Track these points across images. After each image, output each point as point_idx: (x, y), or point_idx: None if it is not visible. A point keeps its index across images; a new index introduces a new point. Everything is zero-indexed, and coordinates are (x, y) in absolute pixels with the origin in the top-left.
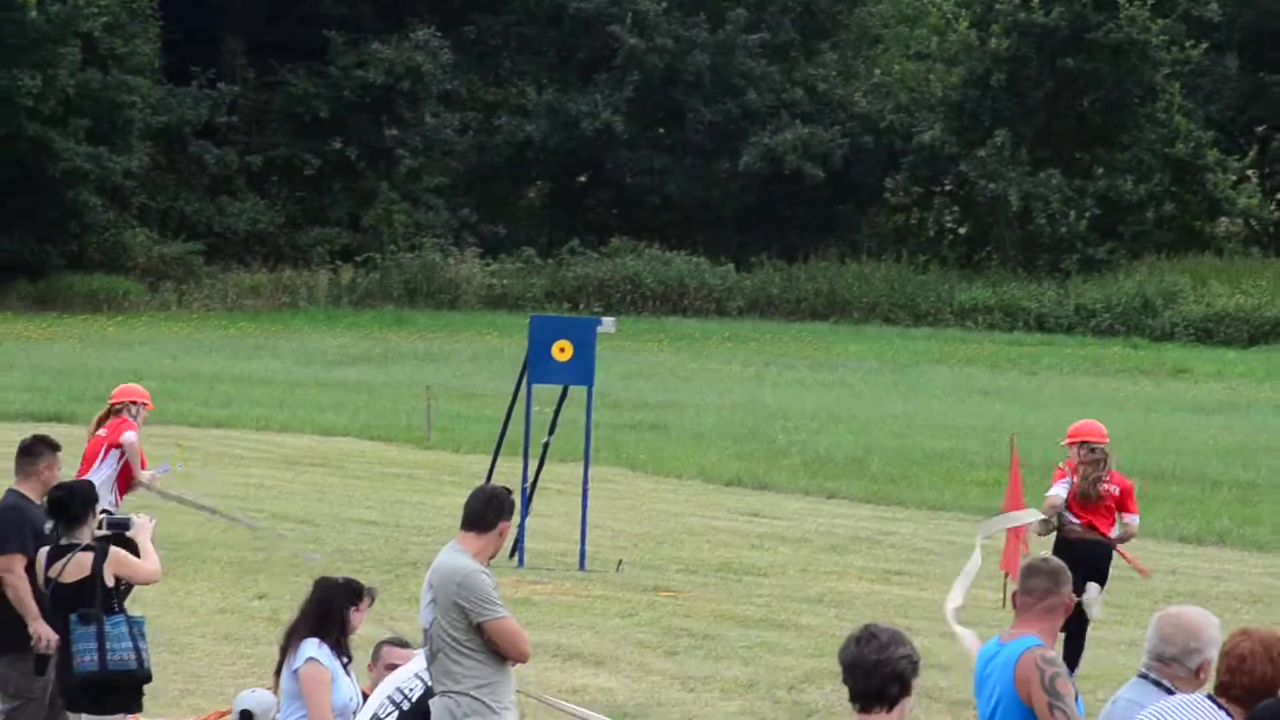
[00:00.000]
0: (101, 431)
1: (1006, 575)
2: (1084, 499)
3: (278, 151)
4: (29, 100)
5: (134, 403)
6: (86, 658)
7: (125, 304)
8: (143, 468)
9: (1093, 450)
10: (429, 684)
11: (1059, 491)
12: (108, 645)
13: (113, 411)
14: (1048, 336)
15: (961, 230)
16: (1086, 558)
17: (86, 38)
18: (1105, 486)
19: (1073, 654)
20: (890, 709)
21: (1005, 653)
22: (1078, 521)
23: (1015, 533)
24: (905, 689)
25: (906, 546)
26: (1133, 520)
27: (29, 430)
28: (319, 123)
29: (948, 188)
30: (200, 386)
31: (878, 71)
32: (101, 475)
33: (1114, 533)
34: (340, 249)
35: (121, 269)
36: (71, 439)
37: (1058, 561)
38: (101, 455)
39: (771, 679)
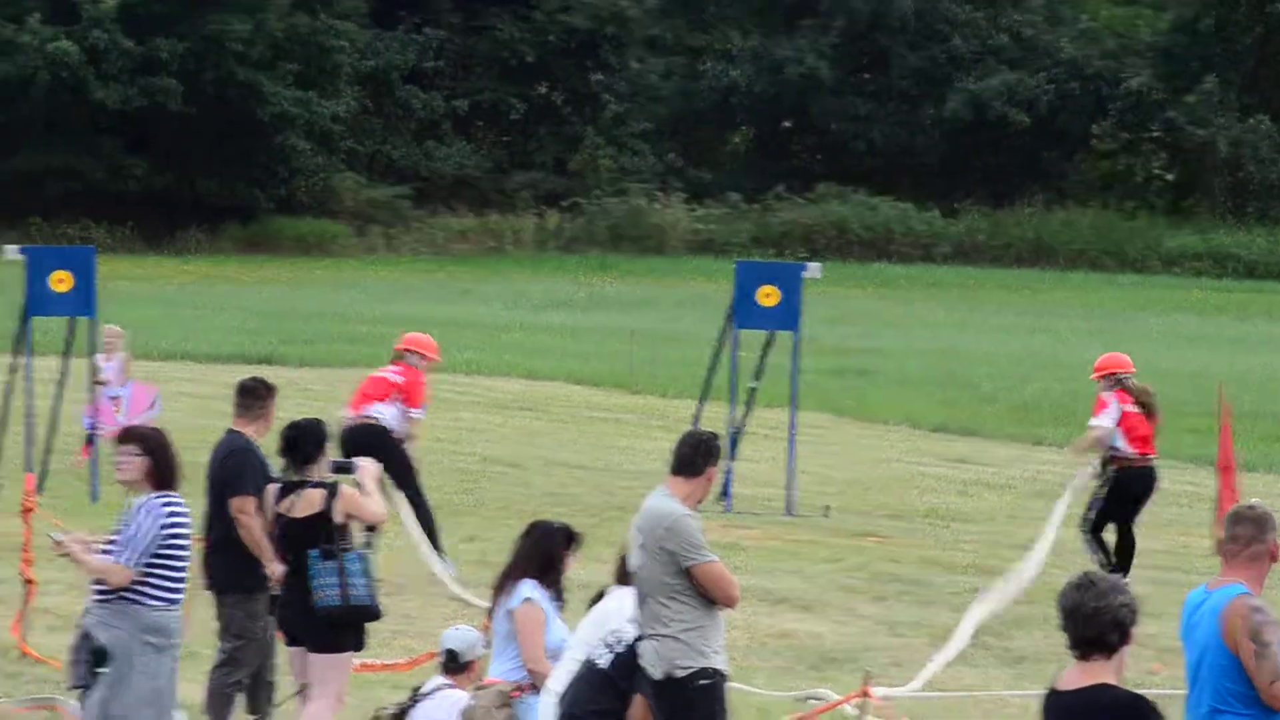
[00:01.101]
0: (389, 373)
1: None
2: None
3: (483, 96)
4: (239, 45)
5: (413, 351)
6: (330, 592)
7: (334, 247)
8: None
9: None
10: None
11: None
12: (348, 580)
13: (397, 356)
14: (1257, 283)
15: (1169, 177)
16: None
17: None
18: None
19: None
20: (1109, 656)
21: (1212, 600)
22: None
23: (1228, 479)
24: (1125, 636)
25: None
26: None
27: (241, 372)
28: (525, 67)
29: (1155, 134)
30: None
31: (1084, 17)
32: (388, 412)
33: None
34: (546, 193)
35: (330, 213)
36: (283, 381)
37: (1264, 508)
38: (389, 396)
39: (980, 625)
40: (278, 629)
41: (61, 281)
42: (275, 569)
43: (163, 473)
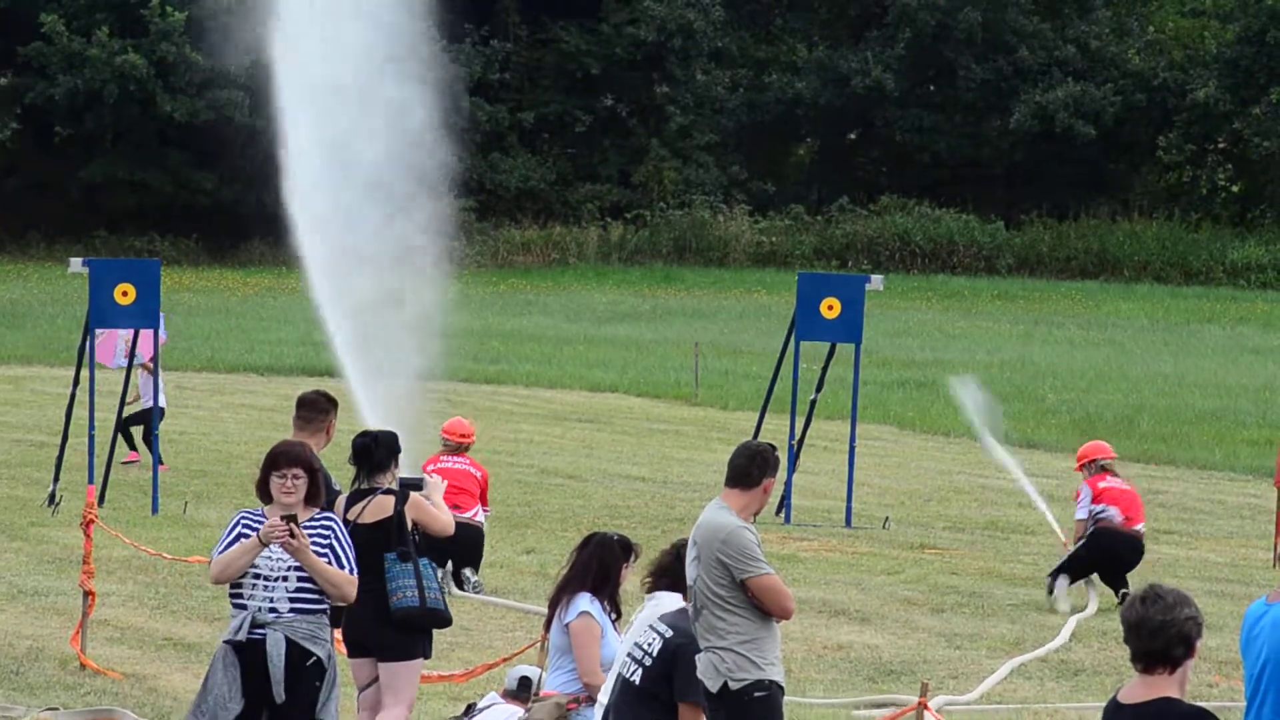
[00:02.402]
0: (471, 469)
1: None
2: None
3: (549, 108)
4: None
5: (471, 442)
6: (407, 594)
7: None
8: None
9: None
10: (665, 635)
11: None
12: (425, 584)
13: (460, 448)
14: None
15: (1235, 188)
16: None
17: None
18: None
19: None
20: (1173, 670)
21: (1273, 613)
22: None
23: None
24: (1189, 650)
25: (1176, 506)
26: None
27: (305, 385)
28: (590, 80)
29: (1221, 145)
30: (471, 342)
31: (1151, 28)
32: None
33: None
34: (610, 206)
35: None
36: (344, 393)
37: None
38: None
39: (1038, 637)
40: (340, 640)
41: (125, 294)
42: None
43: (318, 491)
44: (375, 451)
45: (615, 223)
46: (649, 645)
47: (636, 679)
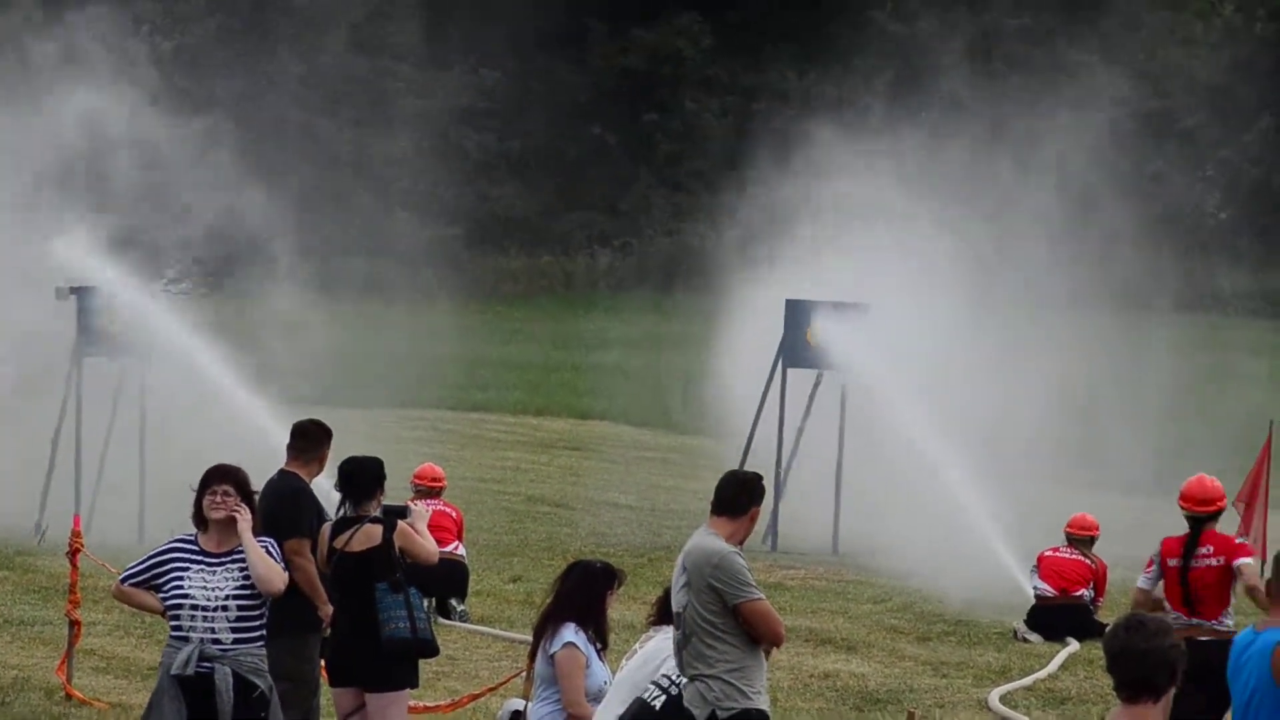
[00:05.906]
0: (451, 510)
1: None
2: None
3: (537, 137)
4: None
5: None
6: (399, 624)
7: (384, 288)
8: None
9: None
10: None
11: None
12: (415, 615)
13: (436, 493)
14: None
15: (1223, 215)
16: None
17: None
18: None
19: None
20: (1157, 699)
21: (1260, 641)
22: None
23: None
24: (1173, 678)
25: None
26: None
27: (301, 414)
28: (578, 108)
29: (1209, 174)
30: (458, 370)
31: (1140, 56)
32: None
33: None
34: (598, 234)
35: (381, 254)
36: (336, 422)
37: None
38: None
39: (1024, 665)
40: (324, 669)
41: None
42: (327, 610)
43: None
44: (361, 479)
45: (603, 250)
46: (676, 675)
47: (658, 704)
